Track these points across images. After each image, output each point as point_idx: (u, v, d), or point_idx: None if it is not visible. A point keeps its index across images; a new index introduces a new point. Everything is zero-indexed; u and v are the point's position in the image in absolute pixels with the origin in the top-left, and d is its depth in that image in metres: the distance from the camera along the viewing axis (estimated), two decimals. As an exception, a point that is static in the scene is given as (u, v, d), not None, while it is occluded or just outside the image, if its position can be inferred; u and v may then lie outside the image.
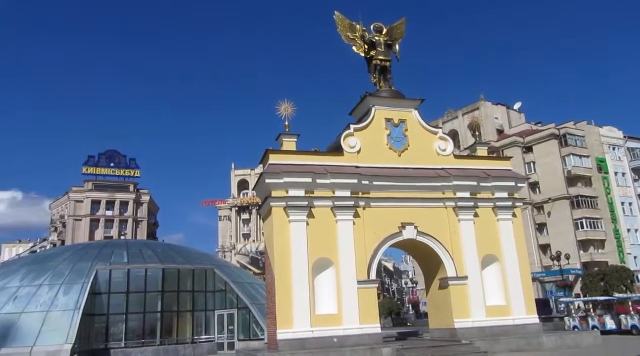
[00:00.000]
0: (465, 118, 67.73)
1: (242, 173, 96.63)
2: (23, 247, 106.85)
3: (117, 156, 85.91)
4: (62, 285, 24.23)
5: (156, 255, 28.86)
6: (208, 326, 27.63)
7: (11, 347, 21.08)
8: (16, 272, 26.47)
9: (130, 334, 25.43)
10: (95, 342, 24.32)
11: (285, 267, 18.48)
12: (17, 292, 24.20)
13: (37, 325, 22.24)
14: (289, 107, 20.61)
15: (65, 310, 22.78)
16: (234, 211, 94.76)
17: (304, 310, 18.07)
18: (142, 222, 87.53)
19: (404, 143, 21.32)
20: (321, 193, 19.61)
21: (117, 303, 25.54)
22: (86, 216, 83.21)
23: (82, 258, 27.16)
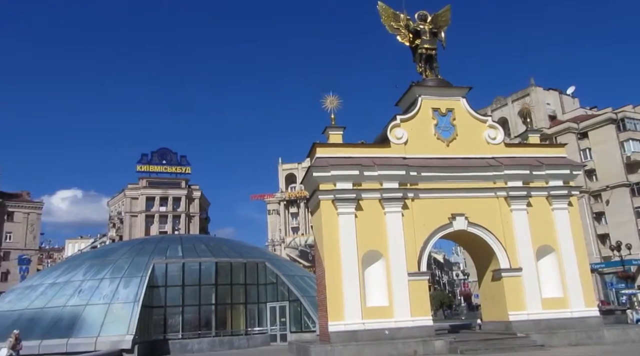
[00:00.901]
0: (515, 105, 65.62)
1: (289, 167, 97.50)
2: (84, 242, 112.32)
3: (169, 153, 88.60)
4: (121, 279, 25.29)
5: (209, 249, 29.64)
6: (260, 318, 28.18)
7: (78, 337, 22.22)
8: (79, 266, 27.83)
9: (186, 325, 26.28)
10: (154, 333, 25.26)
11: (335, 259, 18.59)
12: (81, 285, 25.44)
13: (100, 316, 23.31)
14: (334, 100, 20.63)
15: (126, 302, 23.77)
16: (282, 205, 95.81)
17: (354, 302, 18.14)
18: (194, 217, 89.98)
19: (452, 133, 20.94)
20: (369, 185, 19.57)
21: (173, 295, 26.42)
22: (141, 212, 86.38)
23: (140, 252, 28.22)
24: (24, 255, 76.83)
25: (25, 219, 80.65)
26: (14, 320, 23.90)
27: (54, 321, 23.29)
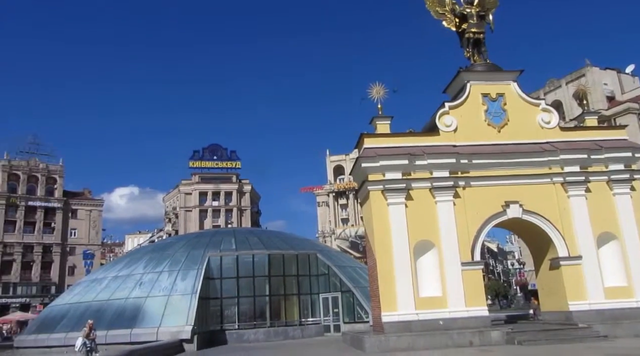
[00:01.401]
0: (569, 86, 62.75)
1: (337, 158, 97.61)
2: (143, 237, 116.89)
3: (219, 149, 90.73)
4: (179, 271, 26.19)
5: (261, 241, 30.21)
6: (314, 309, 28.53)
7: (140, 327, 23.23)
8: (139, 260, 29.03)
9: (242, 316, 26.94)
10: (212, 324, 26.03)
11: (386, 250, 18.55)
12: (142, 278, 26.53)
13: (160, 308, 24.25)
14: (381, 90, 20.48)
15: (184, 294, 24.61)
16: (331, 196, 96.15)
17: (407, 293, 18.06)
18: (246, 211, 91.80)
19: (503, 118, 20.36)
20: (418, 174, 19.36)
21: (228, 287, 27.12)
22: (195, 207, 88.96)
23: (195, 246, 29.11)
24: (88, 250, 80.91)
25: (88, 216, 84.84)
26: (83, 311, 25.30)
27: (118, 313, 24.45)
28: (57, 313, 27.56)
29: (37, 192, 79.83)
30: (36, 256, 77.38)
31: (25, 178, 79.28)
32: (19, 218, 77.37)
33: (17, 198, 77.51)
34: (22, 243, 76.59)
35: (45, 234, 79.11)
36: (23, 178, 79.13)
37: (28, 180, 79.59)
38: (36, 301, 73.26)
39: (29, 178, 79.78)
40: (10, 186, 77.97)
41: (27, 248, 77.05)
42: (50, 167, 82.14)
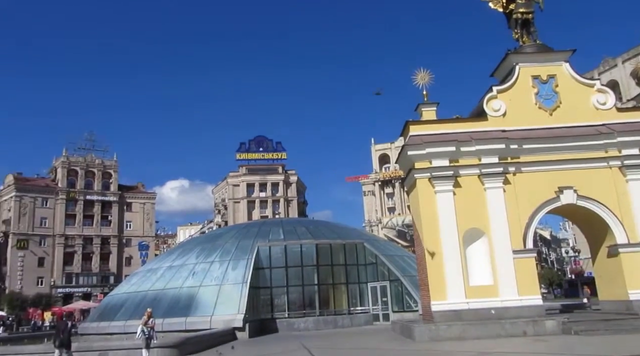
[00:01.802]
0: (626, 65, 59.60)
1: (382, 147, 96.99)
2: (194, 228, 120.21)
3: (265, 141, 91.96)
4: (230, 261, 26.85)
5: (308, 231, 30.51)
6: (362, 298, 28.62)
7: (195, 316, 24.03)
8: (191, 251, 29.94)
9: (291, 305, 27.37)
10: (263, 312, 26.59)
11: (434, 238, 18.35)
12: (194, 268, 27.38)
13: (212, 297, 24.98)
14: (426, 76, 20.14)
15: (235, 284, 25.23)
16: (377, 185, 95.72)
17: (457, 282, 17.84)
18: (292, 201, 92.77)
19: (555, 101, 19.62)
20: (466, 161, 18.99)
21: (277, 276, 27.58)
22: (243, 198, 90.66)
23: (245, 236, 29.73)
24: (143, 241, 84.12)
25: (141, 209, 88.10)
26: (140, 300, 26.39)
27: (173, 302, 25.35)
28: (117, 302, 28.87)
29: (94, 187, 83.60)
30: (95, 247, 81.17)
31: (82, 174, 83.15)
32: (79, 211, 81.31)
33: (76, 192, 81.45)
34: (82, 236, 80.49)
35: (103, 227, 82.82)
36: (81, 174, 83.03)
37: (85, 175, 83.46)
38: (97, 290, 77.01)
39: (86, 173, 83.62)
40: (69, 181, 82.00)
41: (87, 240, 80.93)
42: (105, 162, 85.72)
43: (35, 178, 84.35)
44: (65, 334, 13.47)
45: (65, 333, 13.49)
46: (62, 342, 13.33)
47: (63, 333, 13.47)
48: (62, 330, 13.57)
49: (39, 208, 78.73)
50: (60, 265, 77.59)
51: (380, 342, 18.09)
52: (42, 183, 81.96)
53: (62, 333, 13.46)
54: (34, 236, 77.02)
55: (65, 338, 13.45)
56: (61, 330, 13.58)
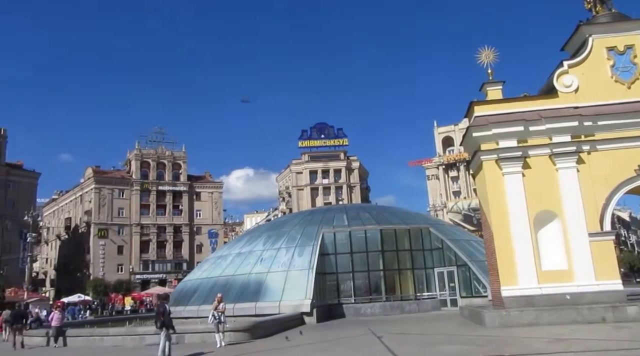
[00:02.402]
0: None
1: (445, 130, 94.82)
2: (260, 216, 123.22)
3: (326, 127, 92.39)
4: (295, 248, 27.30)
5: (372, 217, 30.42)
6: (429, 283, 28.31)
7: (264, 301, 24.70)
8: (258, 238, 30.69)
9: (357, 291, 27.52)
10: (329, 298, 26.90)
11: (503, 222, 17.77)
12: (262, 255, 28.06)
13: (280, 282, 25.54)
14: (490, 54, 19.36)
15: (301, 270, 25.64)
16: (441, 169, 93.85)
17: (528, 266, 17.22)
18: (355, 187, 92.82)
19: (634, 73, 18.29)
20: (536, 141, 18.18)
21: (343, 262, 27.77)
22: (306, 185, 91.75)
23: (309, 223, 30.08)
24: (212, 229, 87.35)
25: (210, 198, 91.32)
26: (212, 285, 27.45)
27: (243, 287, 26.16)
28: (190, 287, 30.18)
29: (165, 177, 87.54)
30: (168, 236, 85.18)
31: (154, 165, 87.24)
32: (152, 201, 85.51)
33: (149, 183, 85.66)
34: (156, 225, 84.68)
35: (175, 215, 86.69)
36: (153, 165, 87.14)
37: (157, 166, 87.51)
38: (171, 276, 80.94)
39: (158, 165, 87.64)
40: (142, 173, 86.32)
41: (160, 228, 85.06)
42: (175, 153, 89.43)
43: (111, 170, 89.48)
44: (166, 316, 14.21)
45: (165, 315, 14.22)
46: (163, 323, 14.05)
47: (163, 315, 14.19)
48: (162, 313, 14.28)
49: (116, 199, 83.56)
50: (137, 253, 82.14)
51: (449, 327, 17.85)
52: (118, 176, 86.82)
53: (162, 316, 14.19)
54: (112, 225, 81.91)
55: (167, 319, 14.16)
56: (160, 312, 14.31)
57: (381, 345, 13.89)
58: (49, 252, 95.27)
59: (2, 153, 75.64)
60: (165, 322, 14.06)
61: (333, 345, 15.09)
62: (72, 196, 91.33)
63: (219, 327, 15.78)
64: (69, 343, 20.21)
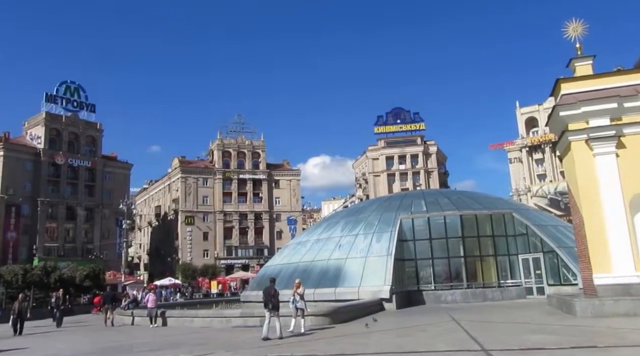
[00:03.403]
0: None
1: (528, 110, 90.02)
2: (337, 202, 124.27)
3: (402, 112, 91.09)
4: (374, 234, 27.28)
5: (451, 202, 29.72)
6: (513, 270, 27.30)
7: (343, 287, 24.96)
8: (336, 224, 30.97)
9: (437, 277, 27.09)
10: (409, 284, 26.71)
11: (594, 206, 16.68)
12: (340, 241, 28.32)
13: (359, 268, 25.66)
14: (579, 26, 18.09)
15: (380, 256, 25.60)
16: (524, 151, 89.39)
17: (623, 253, 16.07)
18: (433, 172, 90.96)
19: None
20: (632, 118, 16.82)
21: (421, 249, 27.42)
22: (383, 171, 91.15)
23: (387, 209, 29.92)
24: (291, 216, 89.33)
25: (288, 185, 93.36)
26: (292, 271, 28.15)
27: (322, 273, 26.59)
28: (271, 272, 31.08)
29: (245, 166, 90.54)
30: (250, 222, 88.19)
31: (235, 155, 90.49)
32: (234, 190, 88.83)
33: (230, 172, 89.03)
34: (238, 212, 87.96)
35: (255, 203, 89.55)
36: (233, 155, 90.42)
37: (237, 155, 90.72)
38: (253, 262, 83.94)
39: (238, 154, 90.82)
40: (224, 162, 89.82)
41: (242, 216, 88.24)
42: (254, 142, 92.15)
43: (196, 160, 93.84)
44: (275, 298, 14.87)
45: (274, 297, 14.88)
46: (274, 305, 14.77)
47: (273, 298, 14.85)
48: (272, 295, 14.94)
49: (200, 187, 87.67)
50: (221, 239, 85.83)
51: (536, 316, 17.14)
52: (202, 165, 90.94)
53: (272, 298, 14.84)
54: (198, 213, 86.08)
55: (276, 302, 14.85)
56: (271, 294, 15.00)
57: (464, 333, 13.63)
58: (142, 237, 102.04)
59: (99, 146, 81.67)
60: (275, 305, 14.72)
61: (414, 331, 15.02)
62: (161, 185, 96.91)
63: (297, 312, 15.92)
64: (160, 323, 21.64)
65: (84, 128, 79.43)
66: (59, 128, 76.65)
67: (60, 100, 76.82)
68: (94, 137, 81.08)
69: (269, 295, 15.01)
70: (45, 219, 72.70)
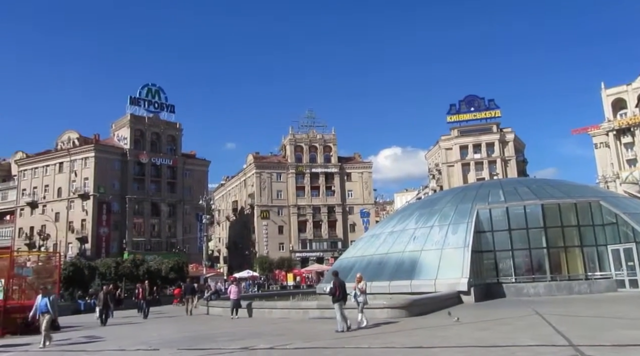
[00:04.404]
0: None
1: (615, 91, 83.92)
2: (409, 194, 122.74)
3: (476, 100, 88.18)
4: (449, 225, 26.66)
5: (531, 191, 28.41)
6: (602, 262, 25.68)
7: (418, 279, 24.64)
8: (410, 216, 30.57)
9: (518, 270, 25.98)
10: (487, 277, 25.87)
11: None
12: (414, 233, 27.92)
13: (434, 260, 25.20)
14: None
15: (456, 248, 24.99)
16: (611, 135, 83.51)
17: None
18: (510, 161, 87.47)
19: None
20: None
21: (500, 240, 26.40)
22: (457, 161, 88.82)
23: (462, 200, 29.11)
24: (363, 209, 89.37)
25: (360, 178, 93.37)
26: (367, 263, 28.19)
27: (397, 265, 26.40)
28: (346, 265, 31.28)
29: (317, 160, 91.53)
30: (323, 216, 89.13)
31: (307, 149, 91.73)
32: (306, 183, 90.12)
33: (303, 166, 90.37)
34: (311, 205, 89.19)
35: (328, 196, 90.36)
36: (305, 149, 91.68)
37: (309, 150, 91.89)
38: (327, 255, 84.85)
39: (310, 148, 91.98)
40: (296, 157, 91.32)
41: (315, 209, 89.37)
42: (325, 136, 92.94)
43: (269, 156, 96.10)
44: (342, 289, 15.26)
45: (340, 288, 15.25)
46: (343, 296, 15.22)
47: (339, 289, 15.23)
48: (340, 285, 15.34)
49: (274, 182, 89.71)
50: (296, 232, 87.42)
51: (629, 311, 16.10)
52: (275, 160, 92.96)
53: (339, 289, 15.22)
54: (272, 207, 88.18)
55: (343, 294, 15.28)
56: (337, 285, 15.36)
57: (549, 327, 13.05)
58: (221, 232, 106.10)
59: (179, 145, 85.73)
60: (344, 296, 15.14)
61: (495, 325, 14.58)
62: (237, 181, 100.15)
63: (359, 306, 15.79)
64: (240, 314, 22.35)
65: (164, 128, 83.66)
66: (142, 129, 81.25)
67: (143, 102, 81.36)
68: (174, 136, 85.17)
69: (336, 286, 15.29)
70: (132, 215, 77.43)
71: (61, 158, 78.86)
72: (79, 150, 77.94)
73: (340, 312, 14.81)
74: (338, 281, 15.53)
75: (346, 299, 15.35)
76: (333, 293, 15.30)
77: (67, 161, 78.06)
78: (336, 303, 15.02)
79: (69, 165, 77.50)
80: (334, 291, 15.29)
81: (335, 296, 15.15)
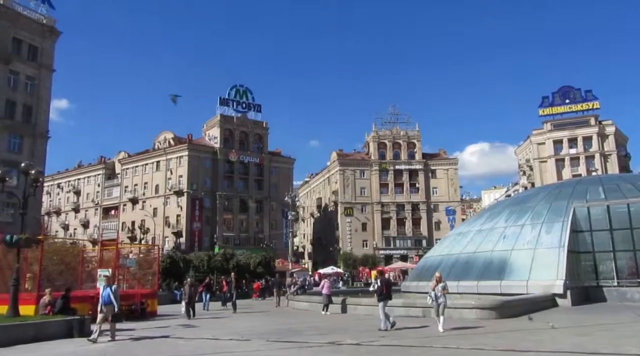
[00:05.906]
0: None
1: None
2: (498, 191, 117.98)
3: (571, 91, 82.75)
4: (542, 224, 25.29)
5: (636, 188, 26.19)
6: None
7: (509, 280, 23.61)
8: (499, 214, 29.37)
9: (620, 272, 24.08)
10: (585, 279, 24.29)
11: None
12: (504, 232, 26.77)
13: (526, 261, 24.01)
14: None
15: (550, 248, 23.67)
16: None
17: None
18: (610, 156, 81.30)
19: None
20: None
21: (600, 240, 24.65)
22: (550, 157, 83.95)
23: (557, 197, 27.52)
24: (449, 206, 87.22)
25: (445, 175, 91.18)
26: (453, 262, 27.49)
27: (485, 265, 25.47)
28: (432, 263, 30.74)
29: (401, 157, 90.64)
30: (407, 213, 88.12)
31: (390, 146, 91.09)
32: (390, 180, 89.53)
33: (386, 163, 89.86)
34: (394, 202, 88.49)
35: (412, 193, 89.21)
36: (389, 146, 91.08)
37: (393, 146, 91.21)
38: (412, 252, 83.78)
39: (393, 145, 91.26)
40: (380, 153, 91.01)
41: (399, 206, 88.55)
42: (409, 132, 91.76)
43: (352, 153, 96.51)
44: (388, 288, 15.60)
45: (388, 287, 15.63)
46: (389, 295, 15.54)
47: (386, 287, 15.56)
48: (386, 284, 15.67)
49: (358, 179, 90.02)
50: (379, 230, 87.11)
51: None
52: (358, 157, 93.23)
53: (385, 287, 15.53)
54: (356, 204, 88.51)
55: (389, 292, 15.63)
56: (388, 284, 15.52)
57: (657, 336, 12.08)
58: (305, 228, 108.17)
59: (265, 143, 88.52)
60: (389, 294, 15.51)
61: (595, 330, 13.71)
62: (321, 178, 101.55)
63: (438, 309, 14.29)
64: (331, 309, 22.49)
65: (252, 127, 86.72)
66: (231, 128, 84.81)
67: (232, 102, 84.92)
68: (260, 135, 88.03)
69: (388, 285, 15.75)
70: (222, 211, 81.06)
71: (158, 158, 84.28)
72: (174, 150, 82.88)
73: (383, 311, 14.96)
74: (384, 280, 15.73)
75: (391, 298, 15.63)
76: (380, 292, 15.42)
77: (163, 160, 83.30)
78: (381, 301, 15.16)
79: (165, 164, 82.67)
80: (381, 290, 15.43)
81: (381, 294, 15.30)
